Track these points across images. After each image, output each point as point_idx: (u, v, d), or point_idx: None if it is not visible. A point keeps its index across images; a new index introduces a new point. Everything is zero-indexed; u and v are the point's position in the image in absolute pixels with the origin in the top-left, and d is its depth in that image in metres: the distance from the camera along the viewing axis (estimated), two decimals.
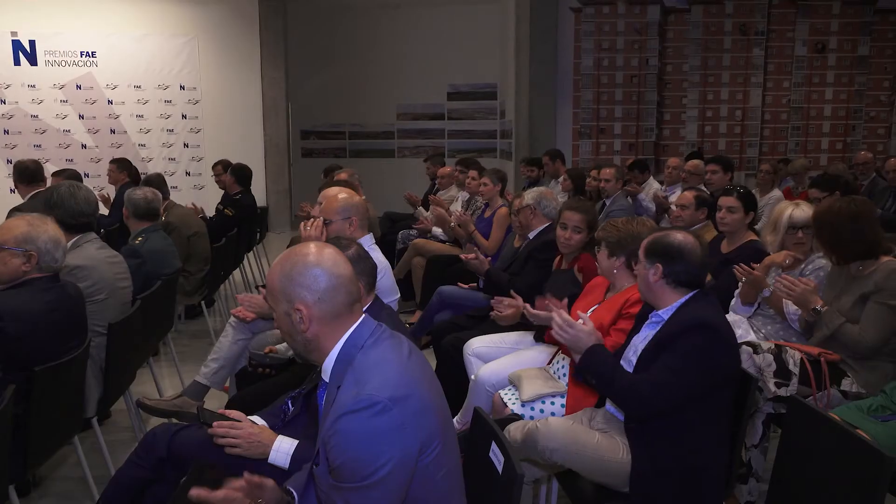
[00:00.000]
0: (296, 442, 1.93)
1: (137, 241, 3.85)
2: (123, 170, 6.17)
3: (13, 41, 8.45)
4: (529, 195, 3.97)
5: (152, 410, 3.32)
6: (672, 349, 2.11)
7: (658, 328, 2.23)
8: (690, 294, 2.23)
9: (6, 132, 8.50)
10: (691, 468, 2.10)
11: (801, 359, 2.64)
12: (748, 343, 2.69)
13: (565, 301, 2.64)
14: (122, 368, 3.01)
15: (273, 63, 9.21)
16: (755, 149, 9.29)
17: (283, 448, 1.91)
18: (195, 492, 1.55)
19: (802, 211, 3.03)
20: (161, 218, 4.33)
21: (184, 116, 8.86)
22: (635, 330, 2.40)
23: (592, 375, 2.14)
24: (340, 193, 3.01)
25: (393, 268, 5.78)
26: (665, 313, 2.24)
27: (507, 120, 10.46)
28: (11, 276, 2.42)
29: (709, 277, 3.43)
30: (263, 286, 2.18)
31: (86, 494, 2.94)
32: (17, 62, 8.49)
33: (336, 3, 11.13)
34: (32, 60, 8.53)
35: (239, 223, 6.01)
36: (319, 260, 1.51)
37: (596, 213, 3.92)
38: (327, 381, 1.53)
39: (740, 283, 3.08)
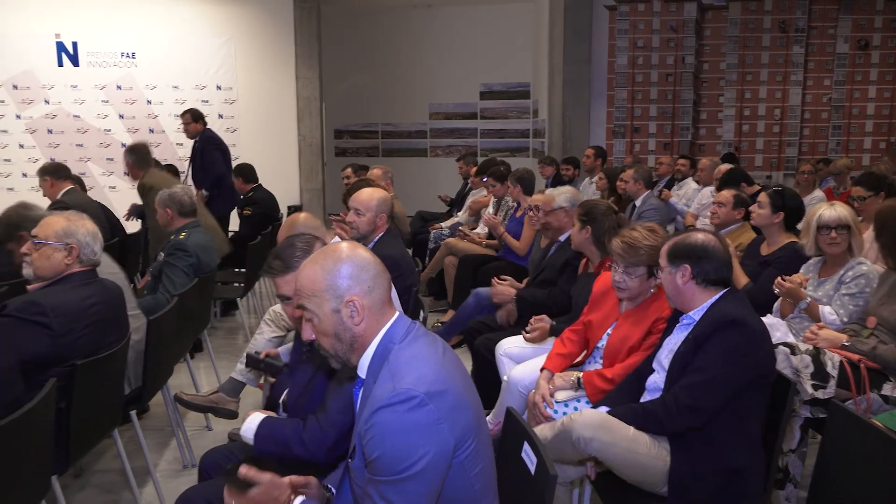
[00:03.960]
0: (263, 416, 1.93)
1: (182, 237, 3.87)
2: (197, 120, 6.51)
3: (57, 43, 8.66)
4: (561, 196, 3.90)
5: (189, 405, 3.38)
6: (706, 349, 2.10)
7: (690, 329, 2.21)
8: (721, 293, 2.20)
9: (49, 132, 8.72)
10: (730, 471, 2.07)
11: (841, 362, 2.59)
12: (786, 344, 2.64)
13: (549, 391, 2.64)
14: (160, 363, 3.07)
15: (307, 63, 9.29)
16: (794, 148, 9.09)
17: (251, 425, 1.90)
18: (244, 469, 1.57)
19: (835, 211, 2.97)
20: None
21: (220, 116, 8.98)
22: (667, 332, 2.37)
23: (640, 429, 2.13)
24: (376, 192, 3.31)
25: (424, 267, 5.85)
26: (696, 314, 2.22)
27: (540, 119, 10.40)
28: (55, 271, 2.48)
29: (745, 281, 3.38)
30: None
31: (124, 486, 3.01)
32: (60, 64, 8.70)
33: (369, 3, 11.19)
34: (75, 62, 8.73)
35: (264, 218, 6.01)
36: (358, 253, 1.54)
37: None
38: (363, 377, 1.54)
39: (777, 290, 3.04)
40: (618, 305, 2.78)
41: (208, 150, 6.43)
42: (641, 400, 2.32)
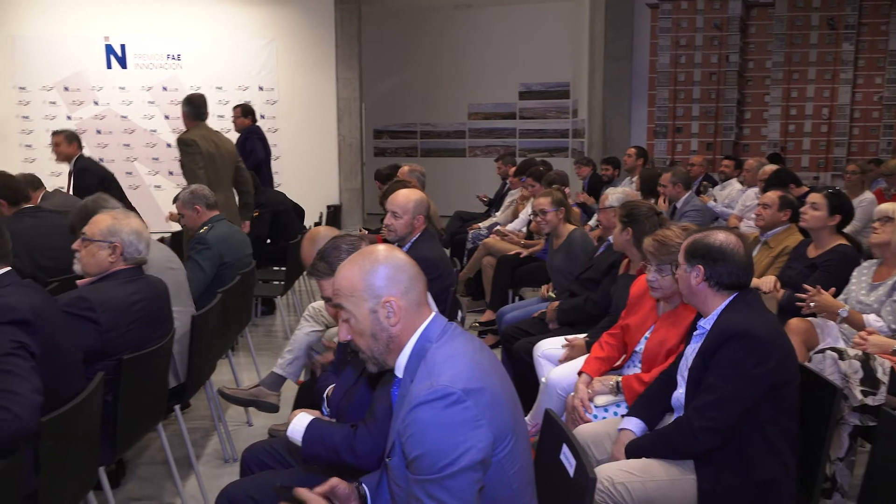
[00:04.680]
0: (309, 418, 1.92)
1: (203, 230, 3.91)
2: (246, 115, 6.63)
3: (106, 45, 8.89)
4: (614, 196, 3.83)
5: (232, 399, 3.44)
6: (714, 365, 2.05)
7: (703, 340, 2.17)
8: (730, 298, 2.15)
9: (98, 132, 8.96)
10: (760, 483, 2.01)
11: (892, 367, 2.51)
12: (833, 349, 2.57)
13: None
14: (204, 359, 3.13)
15: (347, 64, 9.38)
16: (843, 148, 8.83)
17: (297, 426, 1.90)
18: (302, 492, 1.61)
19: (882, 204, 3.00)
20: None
21: (262, 116, 9.09)
22: (687, 341, 2.34)
23: (660, 455, 2.09)
24: (413, 194, 3.31)
25: (462, 267, 5.84)
26: (707, 323, 2.17)
27: (580, 119, 10.31)
28: (100, 268, 2.55)
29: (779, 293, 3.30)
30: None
31: (167, 478, 3.07)
32: (109, 66, 8.94)
33: (409, 4, 11.24)
34: (123, 64, 8.96)
35: (274, 217, 5.95)
36: (395, 255, 1.57)
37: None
38: (400, 377, 1.55)
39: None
40: (655, 308, 2.74)
41: (250, 139, 6.54)
42: (669, 419, 2.28)
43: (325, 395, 2.18)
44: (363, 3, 9.82)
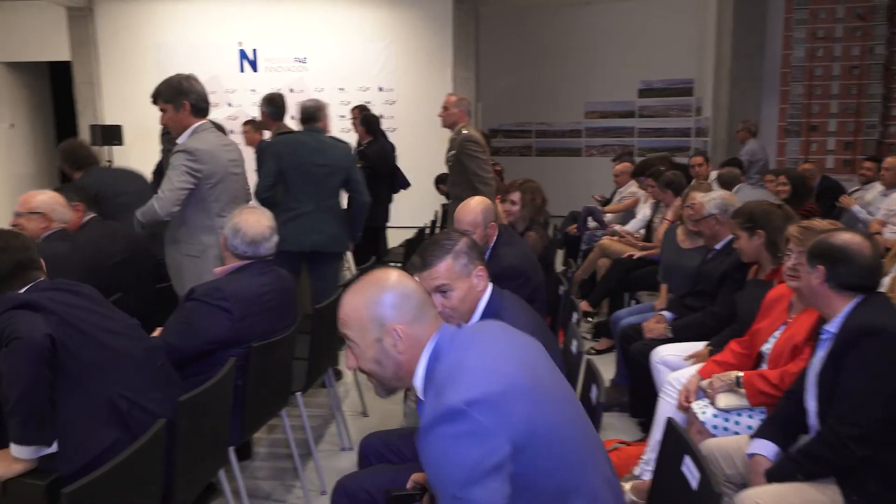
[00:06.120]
0: None
1: None
2: (258, 130, 6.56)
3: (240, 51, 9.46)
4: (711, 203, 3.58)
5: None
6: (847, 368, 1.92)
7: (829, 346, 2.02)
8: (858, 299, 2.01)
9: (231, 132, 9.52)
10: None
11: None
12: None
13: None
14: (324, 351, 3.25)
15: (464, 64, 9.46)
16: None
17: None
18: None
19: None
20: None
21: (381, 116, 9.39)
22: (813, 350, 2.19)
23: (810, 476, 1.96)
24: (476, 205, 3.18)
25: (578, 267, 5.74)
26: (833, 326, 2.04)
27: (704, 117, 9.89)
28: (227, 262, 2.72)
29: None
30: None
31: (288, 461, 3.23)
32: (241, 69, 9.50)
33: (526, 2, 11.18)
34: (254, 67, 9.49)
35: (373, 175, 5.85)
36: (402, 281, 1.53)
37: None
38: (423, 399, 1.52)
39: None
40: (787, 311, 2.59)
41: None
42: (803, 440, 2.14)
43: None
44: (481, 3, 9.87)
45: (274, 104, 4.92)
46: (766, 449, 2.12)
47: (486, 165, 4.53)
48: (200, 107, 3.22)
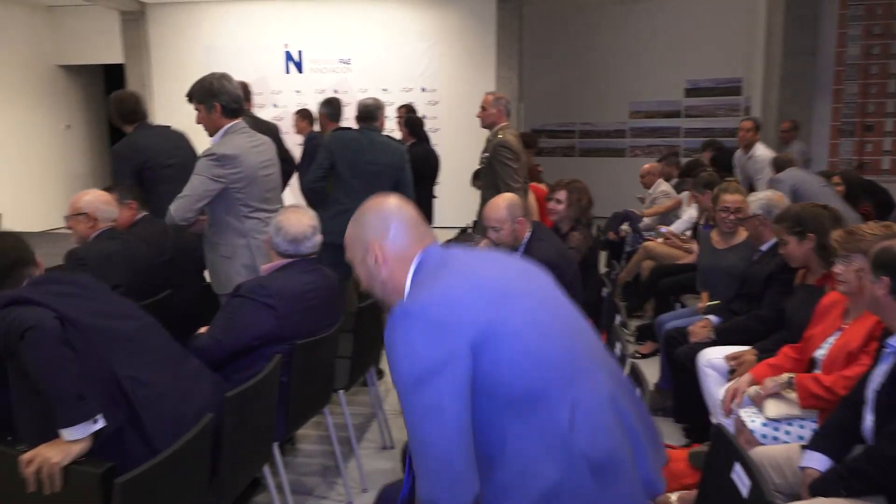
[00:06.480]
0: None
1: None
2: (305, 118, 6.69)
3: (286, 52, 9.60)
4: (756, 203, 3.49)
5: None
6: None
7: (893, 360, 1.93)
8: None
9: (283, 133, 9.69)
10: None
11: None
12: None
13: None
14: (367, 349, 3.28)
15: (507, 63, 9.43)
16: None
17: None
18: None
19: None
20: None
21: (424, 117, 9.42)
22: (875, 360, 2.10)
23: (854, 493, 1.89)
24: (501, 201, 3.25)
25: (622, 269, 5.67)
26: None
27: (753, 117, 9.65)
28: (272, 259, 2.77)
29: None
30: None
31: (331, 459, 3.26)
32: (287, 71, 9.64)
33: (571, 1, 11.08)
34: (299, 68, 9.62)
35: (416, 176, 5.88)
36: (384, 202, 1.61)
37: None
38: None
39: None
40: (842, 317, 2.52)
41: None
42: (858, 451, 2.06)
43: None
44: (525, 3, 9.82)
45: (332, 106, 5.30)
46: (818, 461, 2.05)
47: (515, 175, 4.47)
48: (232, 108, 3.20)
